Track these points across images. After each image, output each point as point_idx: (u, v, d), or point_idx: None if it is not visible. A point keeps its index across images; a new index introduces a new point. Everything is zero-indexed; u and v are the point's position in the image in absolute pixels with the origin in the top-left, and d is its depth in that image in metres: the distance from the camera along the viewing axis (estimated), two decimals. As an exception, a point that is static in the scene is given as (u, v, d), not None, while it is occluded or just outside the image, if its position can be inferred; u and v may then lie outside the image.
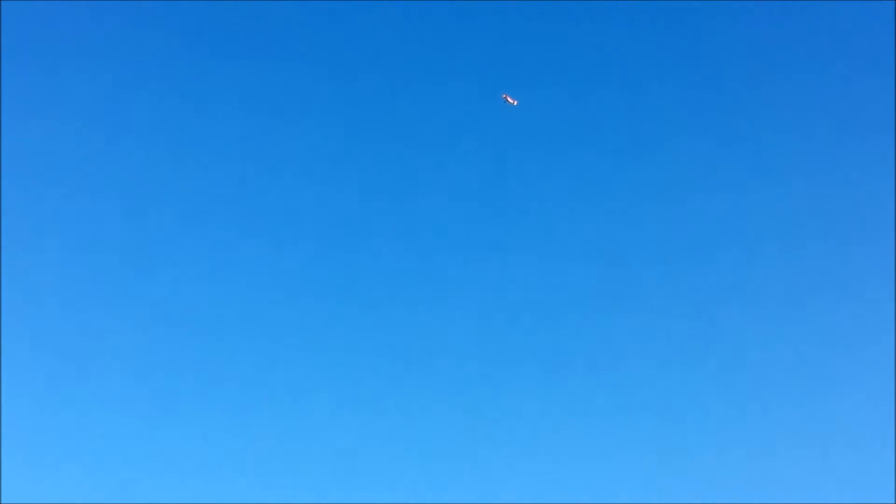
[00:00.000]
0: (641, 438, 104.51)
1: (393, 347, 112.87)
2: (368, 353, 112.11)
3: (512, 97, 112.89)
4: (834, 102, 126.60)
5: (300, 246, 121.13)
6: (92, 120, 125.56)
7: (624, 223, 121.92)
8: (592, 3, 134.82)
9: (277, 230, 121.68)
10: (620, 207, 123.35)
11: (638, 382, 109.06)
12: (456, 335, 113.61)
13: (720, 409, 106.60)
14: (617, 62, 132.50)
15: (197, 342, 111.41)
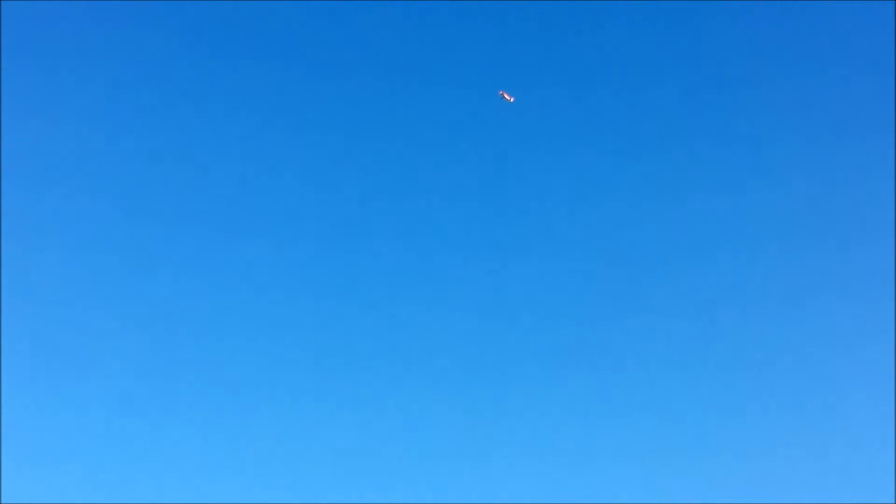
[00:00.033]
0: (642, 438, 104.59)
1: (393, 347, 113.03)
2: (368, 353, 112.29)
3: (509, 94, 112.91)
4: (834, 102, 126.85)
5: (300, 246, 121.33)
6: (92, 120, 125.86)
7: (624, 223, 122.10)
8: (592, 3, 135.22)
9: (277, 230, 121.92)
10: (620, 207, 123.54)
11: (638, 382, 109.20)
12: (456, 335, 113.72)
13: (720, 409, 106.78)
14: (617, 62, 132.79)
15: (197, 342, 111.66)
